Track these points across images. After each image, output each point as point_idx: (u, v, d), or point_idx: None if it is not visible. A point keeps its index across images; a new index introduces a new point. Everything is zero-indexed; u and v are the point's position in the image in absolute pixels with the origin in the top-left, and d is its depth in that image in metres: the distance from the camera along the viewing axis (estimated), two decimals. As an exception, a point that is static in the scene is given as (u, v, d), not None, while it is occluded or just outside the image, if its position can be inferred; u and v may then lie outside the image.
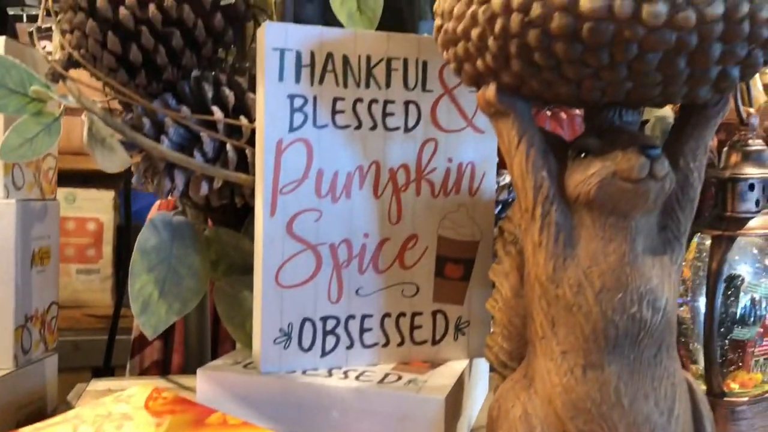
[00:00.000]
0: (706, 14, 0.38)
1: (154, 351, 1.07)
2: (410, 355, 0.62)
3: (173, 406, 0.56)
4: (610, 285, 0.45)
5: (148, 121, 0.59)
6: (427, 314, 0.62)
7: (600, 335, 0.45)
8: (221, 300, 0.65)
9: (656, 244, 0.47)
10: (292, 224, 0.57)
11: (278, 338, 0.58)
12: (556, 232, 0.47)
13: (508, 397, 0.49)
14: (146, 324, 0.62)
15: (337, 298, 0.59)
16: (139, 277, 0.62)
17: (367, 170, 0.59)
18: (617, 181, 0.44)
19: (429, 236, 0.62)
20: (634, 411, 0.45)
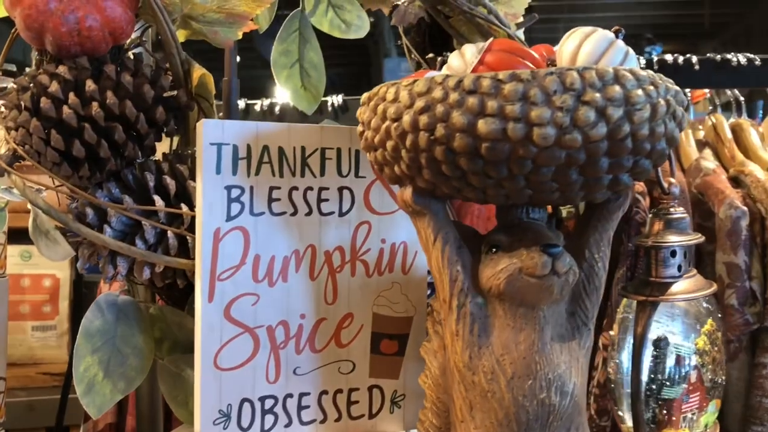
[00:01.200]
0: (590, 135, 0.42)
1: (108, 414, 1.08)
2: (347, 430, 0.64)
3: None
4: (521, 372, 0.49)
5: (92, 211, 0.61)
6: (363, 389, 0.65)
7: (513, 420, 0.48)
8: (164, 379, 0.67)
9: (565, 330, 0.51)
10: (230, 309, 0.60)
11: (218, 419, 0.60)
12: (471, 322, 0.50)
13: (432, 477, 0.52)
14: (90, 405, 0.63)
15: (275, 378, 0.62)
16: (83, 359, 0.63)
17: (303, 254, 0.62)
18: (523, 276, 0.48)
19: (364, 314, 0.65)
20: (546, 491, 0.48)
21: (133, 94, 0.62)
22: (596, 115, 0.42)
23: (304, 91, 0.87)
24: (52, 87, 0.59)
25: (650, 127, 0.44)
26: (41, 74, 0.60)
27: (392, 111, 0.45)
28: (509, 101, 0.41)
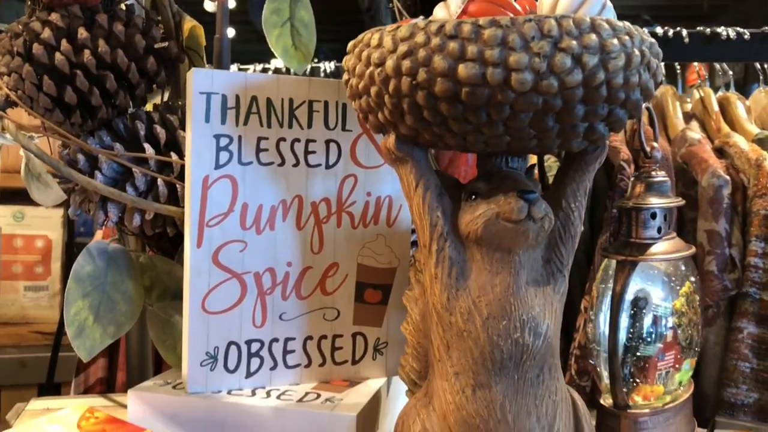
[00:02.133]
0: (566, 81, 0.44)
1: (98, 369, 1.10)
2: (331, 375, 0.67)
3: (104, 425, 0.60)
4: (496, 313, 0.51)
5: (83, 158, 0.63)
6: (347, 336, 0.67)
7: (487, 358, 0.50)
8: (153, 324, 0.69)
9: (540, 276, 0.53)
10: (218, 255, 0.61)
11: (205, 361, 0.62)
12: (449, 266, 0.52)
13: (410, 414, 0.54)
14: (81, 347, 0.65)
15: (262, 322, 0.64)
16: (74, 303, 0.65)
17: (290, 204, 0.64)
18: (500, 221, 0.50)
19: (349, 264, 0.66)
20: (518, 426, 0.50)
21: (125, 43, 0.63)
22: (572, 62, 0.43)
23: (295, 50, 0.87)
24: (44, 34, 0.60)
25: (625, 75, 0.45)
26: (34, 21, 0.61)
27: (376, 56, 0.47)
28: (488, 46, 0.43)
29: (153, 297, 0.70)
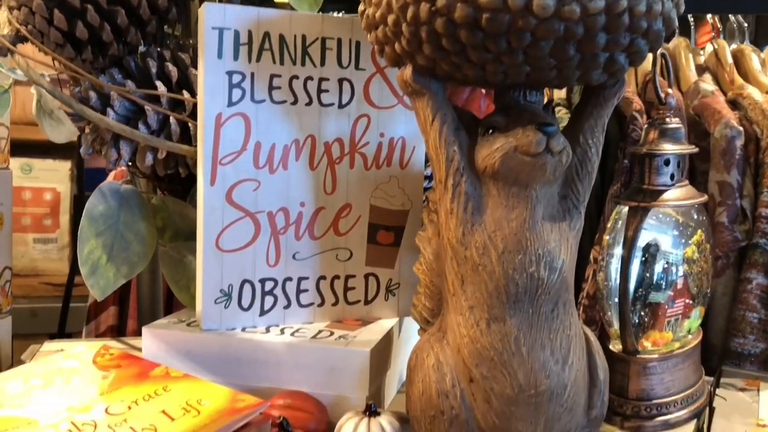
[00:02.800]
0: (589, 8, 0.43)
1: (109, 317, 1.11)
2: (344, 314, 0.67)
3: (119, 361, 0.61)
4: (512, 247, 0.50)
5: (95, 95, 0.62)
6: (360, 277, 0.67)
7: (502, 291, 0.51)
8: (167, 264, 0.69)
9: (556, 212, 0.53)
10: (231, 193, 0.61)
11: (219, 298, 0.62)
12: (465, 200, 0.52)
13: (424, 348, 0.54)
14: (95, 286, 0.66)
15: (275, 261, 0.64)
16: (87, 242, 0.65)
17: (303, 143, 0.63)
18: (517, 155, 0.49)
19: (362, 205, 0.66)
20: (532, 359, 0.50)
21: (136, -22, 0.62)
22: (595, -13, 0.42)
23: (306, -6, 0.86)
24: (54, -33, 0.59)
25: (647, 3, 0.44)
26: (43, -46, 0.59)
27: (394, -17, 0.46)
28: (510, -30, 0.42)
29: (166, 238, 0.70)
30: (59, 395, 0.55)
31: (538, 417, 0.51)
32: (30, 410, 0.53)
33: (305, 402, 0.56)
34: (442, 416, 0.51)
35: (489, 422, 0.51)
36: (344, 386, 0.59)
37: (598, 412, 0.54)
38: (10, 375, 0.59)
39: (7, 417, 0.52)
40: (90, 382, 0.57)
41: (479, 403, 0.51)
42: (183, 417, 0.51)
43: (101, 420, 0.51)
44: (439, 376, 0.52)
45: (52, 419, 0.51)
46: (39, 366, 0.60)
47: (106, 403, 0.53)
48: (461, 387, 0.52)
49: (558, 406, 0.51)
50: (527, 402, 0.50)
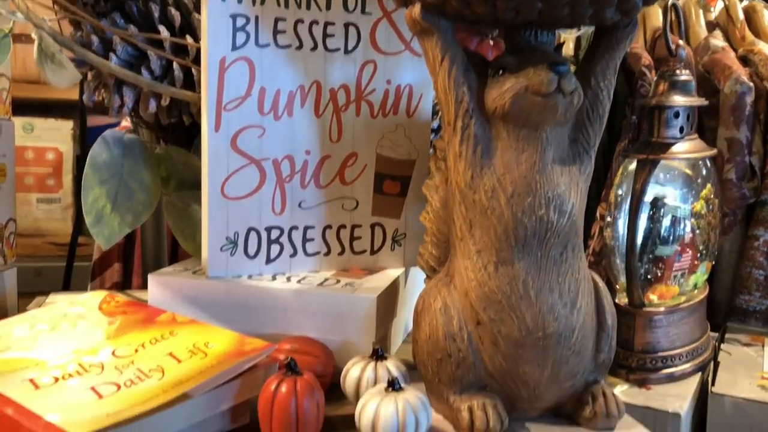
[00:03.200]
0: (604, -63, 0.42)
1: (113, 273, 1.11)
2: (350, 264, 0.67)
3: (125, 307, 0.61)
4: (521, 190, 0.50)
5: (97, 39, 0.61)
6: (366, 227, 0.67)
7: (511, 235, 0.50)
8: (172, 213, 0.69)
9: (566, 155, 0.52)
10: (236, 139, 0.61)
11: (225, 246, 0.62)
12: (474, 143, 0.51)
13: (431, 292, 0.54)
14: (99, 235, 0.65)
15: (281, 210, 0.63)
16: (91, 190, 0.65)
17: (308, 89, 0.62)
18: (529, 95, 0.48)
19: (368, 154, 0.66)
20: (540, 302, 0.50)
21: None
22: None
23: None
24: None
25: (665, -65, 0.43)
26: None
27: None
28: None
29: (170, 187, 0.70)
30: (66, 339, 0.55)
31: (545, 360, 0.50)
32: (37, 353, 0.53)
33: (312, 346, 0.56)
34: (449, 359, 0.51)
35: (496, 365, 0.51)
36: (351, 332, 0.59)
37: (606, 356, 0.54)
38: (16, 320, 0.59)
39: (15, 358, 0.52)
40: (96, 327, 0.57)
41: (486, 346, 0.51)
42: (190, 359, 0.51)
43: (108, 362, 0.51)
44: (447, 319, 0.52)
45: (59, 361, 0.51)
46: (45, 312, 0.60)
47: (113, 346, 0.53)
48: (468, 330, 0.51)
49: (566, 349, 0.51)
50: (535, 345, 0.50)
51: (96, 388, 0.47)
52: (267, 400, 0.47)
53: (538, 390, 0.51)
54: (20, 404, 0.45)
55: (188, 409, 0.47)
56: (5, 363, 0.51)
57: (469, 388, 0.52)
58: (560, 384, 0.52)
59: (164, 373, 0.49)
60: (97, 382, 0.48)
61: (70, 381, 0.48)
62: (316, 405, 0.48)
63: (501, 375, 0.51)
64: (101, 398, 0.46)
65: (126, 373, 0.49)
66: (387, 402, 0.48)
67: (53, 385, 0.48)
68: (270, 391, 0.48)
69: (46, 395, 0.46)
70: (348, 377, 0.54)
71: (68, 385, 0.48)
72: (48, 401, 0.45)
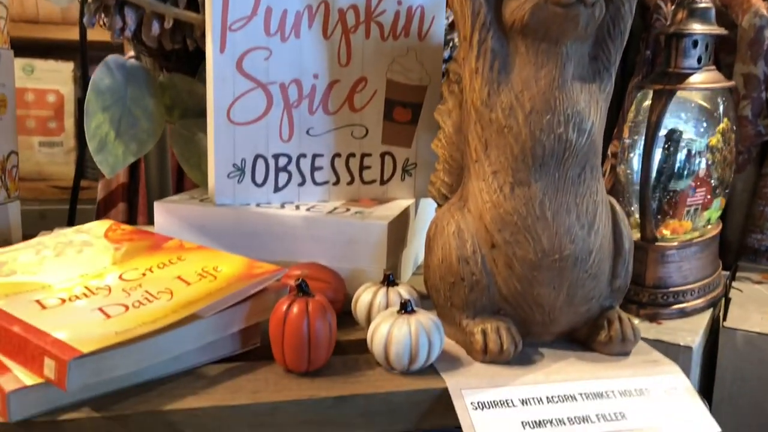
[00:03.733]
0: None
1: (118, 213, 1.10)
2: (359, 194, 0.65)
3: (131, 235, 0.60)
4: (540, 107, 0.48)
5: (96, -44, 0.59)
6: (375, 155, 0.65)
7: (528, 154, 0.48)
8: (177, 142, 0.67)
9: (586, 72, 0.50)
10: (241, 62, 0.58)
11: (232, 173, 0.60)
12: (491, 58, 0.49)
13: (444, 216, 0.53)
14: (103, 162, 0.64)
15: (289, 136, 0.62)
16: (94, 116, 0.63)
17: (315, 10, 0.60)
18: (549, 6, 0.46)
19: (378, 79, 0.63)
20: (557, 223, 0.49)
21: None
22: None
23: None
24: None
25: None
26: None
27: None
28: None
29: (175, 116, 0.68)
30: (71, 264, 0.54)
31: (561, 282, 0.49)
32: (43, 277, 0.52)
33: (322, 272, 0.55)
34: (462, 282, 0.50)
35: (510, 288, 0.50)
36: (361, 259, 0.58)
37: (622, 282, 0.53)
38: (21, 246, 0.58)
39: (20, 282, 0.51)
40: (102, 253, 0.56)
41: (501, 269, 0.50)
42: (199, 282, 0.50)
43: (115, 285, 0.50)
44: (460, 242, 0.51)
45: (65, 284, 0.50)
46: (50, 239, 0.59)
47: (120, 271, 0.52)
48: (482, 253, 0.50)
49: (582, 272, 0.50)
50: (550, 267, 0.49)
51: (104, 309, 0.46)
52: (278, 321, 0.47)
53: (552, 314, 0.51)
54: (27, 323, 0.44)
55: (198, 330, 0.46)
56: (11, 286, 0.50)
57: (483, 312, 0.51)
58: (575, 308, 0.51)
59: (173, 295, 0.48)
60: (104, 303, 0.47)
61: (77, 302, 0.47)
62: (328, 326, 0.47)
63: (515, 298, 0.50)
64: (109, 318, 0.45)
65: (134, 295, 0.48)
66: (400, 324, 0.47)
67: (60, 306, 0.47)
68: (281, 311, 0.47)
69: (53, 315, 0.45)
70: (359, 302, 0.54)
71: (75, 306, 0.47)
72: (55, 320, 0.44)
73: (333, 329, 0.48)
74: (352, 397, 0.45)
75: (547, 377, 0.48)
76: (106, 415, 0.42)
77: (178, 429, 0.43)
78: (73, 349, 0.40)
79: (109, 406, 0.42)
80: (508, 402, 0.46)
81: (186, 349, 0.46)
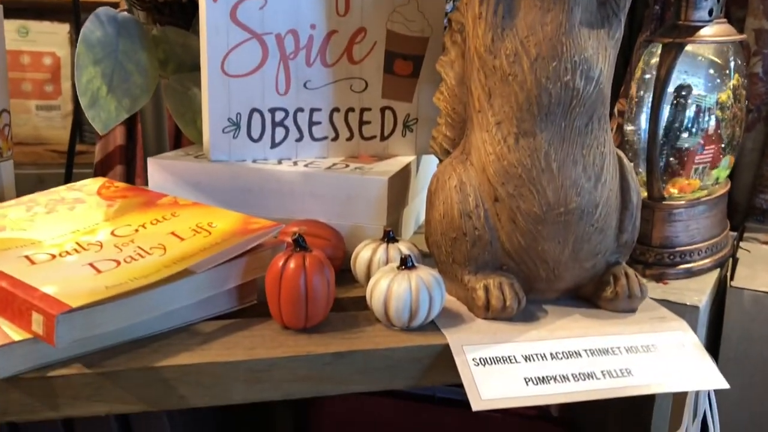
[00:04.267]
0: None
1: (116, 176, 1.08)
2: (359, 150, 0.63)
3: (125, 192, 0.58)
4: (546, 54, 0.46)
5: None
6: (375, 110, 0.63)
7: (533, 103, 0.47)
8: (171, 97, 0.65)
9: (594, 18, 0.48)
10: (236, 11, 0.56)
11: (227, 127, 0.58)
12: (495, 2, 0.47)
13: (445, 170, 0.51)
14: (96, 118, 0.62)
15: (285, 90, 0.60)
16: (85, 69, 0.61)
17: (312, -44, 0.58)
18: (556, -56, 0.44)
19: (378, 30, 0.61)
20: (563, 176, 0.47)
21: None
22: None
23: None
24: None
25: None
26: None
27: None
28: None
29: (168, 70, 0.66)
30: (63, 221, 0.53)
31: (566, 236, 0.48)
32: (33, 233, 0.50)
33: (321, 229, 0.54)
34: (464, 237, 0.49)
35: (514, 243, 0.48)
36: (361, 216, 0.56)
37: (629, 237, 0.52)
38: (12, 203, 0.57)
39: (9, 238, 0.49)
40: (95, 210, 0.54)
41: (504, 223, 0.48)
42: (193, 237, 0.48)
43: (107, 240, 0.49)
44: (462, 196, 0.49)
45: (56, 240, 0.49)
46: (41, 196, 0.58)
47: (112, 227, 0.51)
48: (485, 207, 0.49)
49: (588, 226, 0.48)
50: (556, 221, 0.47)
51: (94, 264, 0.45)
52: (275, 276, 0.45)
53: (557, 269, 0.49)
54: (15, 278, 0.42)
55: (192, 285, 0.45)
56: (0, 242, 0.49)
57: (485, 268, 0.50)
58: (581, 263, 0.49)
59: (166, 250, 0.47)
60: (95, 259, 0.46)
61: (67, 258, 0.46)
62: (325, 281, 0.46)
63: (519, 253, 0.49)
64: (100, 273, 0.44)
65: (126, 251, 0.47)
66: (400, 279, 0.46)
67: (49, 261, 0.46)
68: (278, 267, 0.45)
69: (42, 270, 0.44)
70: (358, 259, 0.52)
71: (65, 261, 0.46)
72: (44, 275, 0.43)
73: (331, 285, 0.46)
74: (350, 353, 0.44)
75: (551, 333, 0.47)
76: (98, 372, 0.41)
77: (172, 386, 0.41)
78: (61, 303, 0.39)
79: (100, 363, 0.41)
80: (511, 358, 0.45)
81: (180, 305, 0.45)
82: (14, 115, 1.02)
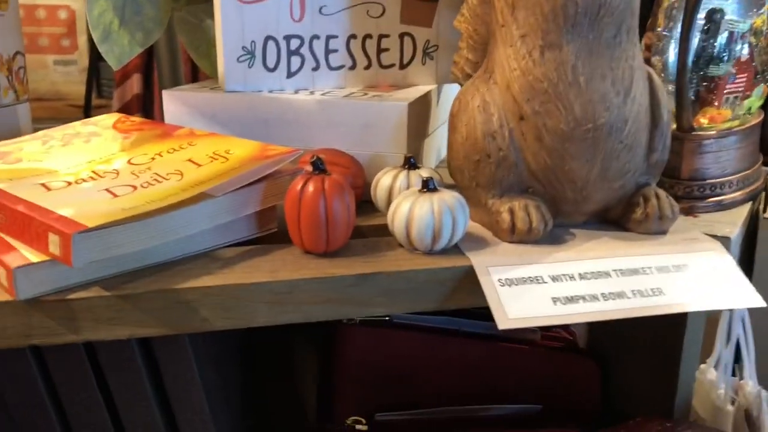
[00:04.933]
0: None
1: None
2: (377, 79, 0.62)
3: (141, 125, 0.57)
4: (572, -40, 0.44)
5: None
6: (394, 37, 0.61)
7: (560, 13, 0.44)
8: (184, 29, 0.64)
9: None
10: (248, -67, 0.54)
11: (242, 56, 0.57)
12: None
13: (468, 91, 0.49)
14: (109, 53, 0.61)
15: (300, 16, 0.58)
16: (96, 2, 0.60)
17: None
18: None
19: (395, -48, 0.59)
20: (591, 90, 0.45)
21: None
22: None
23: None
24: None
25: None
26: None
27: None
28: None
29: (181, 1, 0.64)
30: (79, 152, 0.52)
31: (594, 154, 0.46)
32: (49, 163, 0.50)
33: (340, 157, 0.53)
34: (488, 159, 0.47)
35: (540, 162, 0.47)
36: (380, 144, 0.55)
37: (659, 157, 0.50)
38: (27, 138, 0.56)
39: (26, 167, 0.49)
40: (111, 142, 0.54)
41: (530, 143, 0.47)
42: (210, 163, 0.47)
43: (124, 168, 0.48)
44: (486, 116, 0.47)
45: (72, 169, 0.48)
46: (57, 131, 0.57)
47: (129, 156, 0.50)
48: (510, 126, 0.47)
49: (617, 143, 0.46)
50: (583, 138, 0.45)
51: (111, 189, 0.44)
52: (294, 200, 0.44)
53: (585, 190, 0.47)
54: (32, 202, 0.42)
55: (210, 209, 0.44)
56: (16, 171, 0.48)
57: (510, 191, 0.48)
58: (610, 183, 0.48)
59: (183, 176, 0.46)
60: (112, 185, 0.45)
61: (83, 184, 0.45)
62: (346, 205, 0.44)
63: (545, 174, 0.47)
64: (116, 197, 0.43)
65: (143, 177, 0.46)
66: (422, 202, 0.45)
67: (65, 187, 0.45)
68: (296, 190, 0.44)
69: (58, 195, 0.43)
70: (379, 186, 0.51)
71: (81, 188, 0.45)
72: (60, 199, 0.42)
73: (351, 209, 0.45)
74: (373, 275, 0.43)
75: (579, 255, 0.46)
76: (117, 294, 0.40)
77: (193, 308, 0.41)
78: (78, 223, 0.38)
79: (120, 285, 0.41)
80: (538, 278, 0.43)
81: (198, 230, 0.44)
82: (32, 71, 1.01)
